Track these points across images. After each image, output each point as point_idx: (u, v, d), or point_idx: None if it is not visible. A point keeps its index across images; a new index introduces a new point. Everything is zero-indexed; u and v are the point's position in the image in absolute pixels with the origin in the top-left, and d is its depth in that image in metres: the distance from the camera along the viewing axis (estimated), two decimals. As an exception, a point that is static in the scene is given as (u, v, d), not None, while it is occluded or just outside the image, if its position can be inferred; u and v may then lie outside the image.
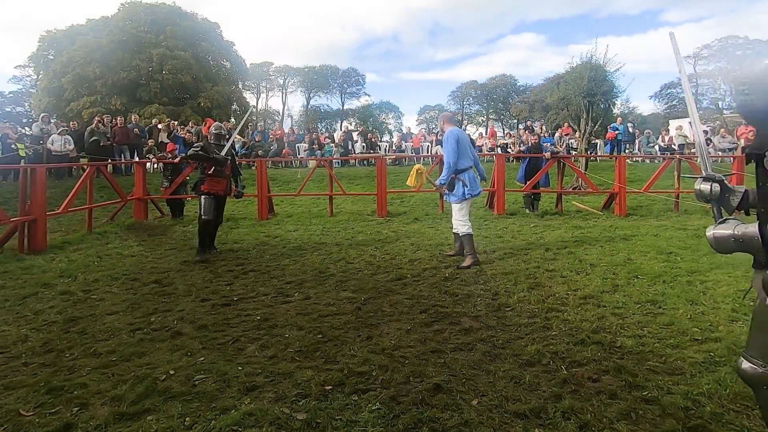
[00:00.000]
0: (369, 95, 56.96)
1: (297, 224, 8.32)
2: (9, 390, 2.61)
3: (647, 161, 16.26)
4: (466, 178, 5.32)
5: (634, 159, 16.09)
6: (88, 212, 7.81)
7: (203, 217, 5.86)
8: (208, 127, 6.31)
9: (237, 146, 5.67)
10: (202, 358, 2.98)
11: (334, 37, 75.43)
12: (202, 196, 5.90)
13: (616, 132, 17.29)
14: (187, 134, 10.71)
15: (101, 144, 13.68)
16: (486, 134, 25.88)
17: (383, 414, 2.32)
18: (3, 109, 39.86)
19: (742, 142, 15.57)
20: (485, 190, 9.83)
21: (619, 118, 17.61)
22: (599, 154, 17.26)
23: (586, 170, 11.54)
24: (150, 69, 30.56)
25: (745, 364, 1.89)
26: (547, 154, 9.38)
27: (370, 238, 7.00)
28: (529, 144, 10.54)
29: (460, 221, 5.39)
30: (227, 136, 6.19)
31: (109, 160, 12.84)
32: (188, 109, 30.32)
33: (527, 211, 9.17)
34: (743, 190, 1.98)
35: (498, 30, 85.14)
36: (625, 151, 17.13)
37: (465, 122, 54.41)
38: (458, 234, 5.56)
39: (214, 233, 6.24)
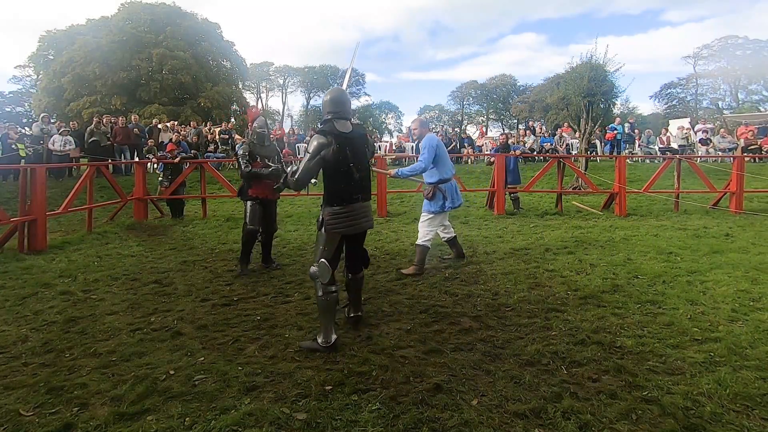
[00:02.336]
0: (369, 95, 57.10)
1: (297, 224, 8.32)
2: (9, 390, 2.61)
3: (647, 161, 16.26)
4: (447, 189, 5.07)
5: (633, 159, 16.10)
6: (88, 212, 7.81)
7: (249, 226, 5.14)
8: (251, 120, 5.56)
9: (238, 147, 4.87)
10: (202, 358, 2.98)
11: (335, 36, 75.64)
12: (248, 202, 5.18)
13: (615, 132, 17.26)
14: (175, 135, 10.59)
15: (101, 144, 13.69)
16: (477, 134, 25.79)
17: (383, 414, 2.32)
18: (3, 109, 39.86)
19: (742, 142, 15.57)
20: (487, 190, 9.86)
21: (617, 119, 17.58)
22: (599, 154, 17.25)
23: (586, 170, 11.53)
24: (150, 69, 30.58)
25: (313, 268, 3.12)
26: (517, 152, 9.38)
27: (370, 238, 6.98)
28: (499, 143, 10.65)
29: (424, 231, 5.08)
30: (269, 134, 5.46)
31: (109, 160, 12.84)
32: (188, 109, 30.33)
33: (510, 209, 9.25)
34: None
35: (499, 30, 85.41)
36: (624, 151, 17.12)
37: (465, 122, 54.46)
38: (450, 239, 5.44)
39: (270, 244, 5.45)
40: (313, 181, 3.56)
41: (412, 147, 18.95)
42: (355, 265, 3.43)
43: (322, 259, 3.09)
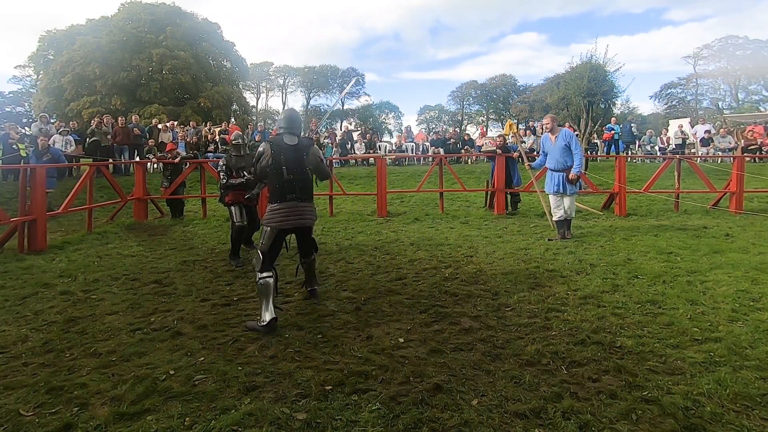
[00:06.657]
0: (369, 95, 57.05)
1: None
2: (9, 390, 2.61)
3: (647, 161, 16.25)
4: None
5: (633, 159, 16.07)
6: (88, 212, 7.81)
7: (237, 223, 5.77)
8: (230, 136, 6.49)
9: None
10: (202, 358, 2.98)
11: (335, 35, 75.64)
12: (231, 206, 5.84)
13: (612, 132, 17.25)
14: (169, 141, 10.78)
15: (102, 144, 13.68)
16: (477, 134, 25.69)
17: (383, 414, 2.32)
18: (3, 109, 39.89)
19: (742, 143, 15.56)
20: (486, 190, 9.87)
21: (613, 118, 17.55)
22: (599, 154, 17.25)
23: (586, 170, 11.52)
24: (150, 69, 30.59)
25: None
26: (515, 154, 9.34)
27: (370, 238, 6.99)
28: (498, 144, 10.55)
29: (574, 206, 6.66)
30: (247, 144, 6.13)
31: (110, 160, 12.84)
32: (188, 109, 30.32)
33: (507, 209, 9.20)
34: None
35: (500, 29, 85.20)
36: (623, 152, 17.11)
37: (465, 122, 54.45)
38: (561, 221, 6.60)
39: (250, 236, 6.36)
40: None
41: (413, 147, 18.95)
42: (304, 253, 4.02)
43: (258, 250, 3.66)
